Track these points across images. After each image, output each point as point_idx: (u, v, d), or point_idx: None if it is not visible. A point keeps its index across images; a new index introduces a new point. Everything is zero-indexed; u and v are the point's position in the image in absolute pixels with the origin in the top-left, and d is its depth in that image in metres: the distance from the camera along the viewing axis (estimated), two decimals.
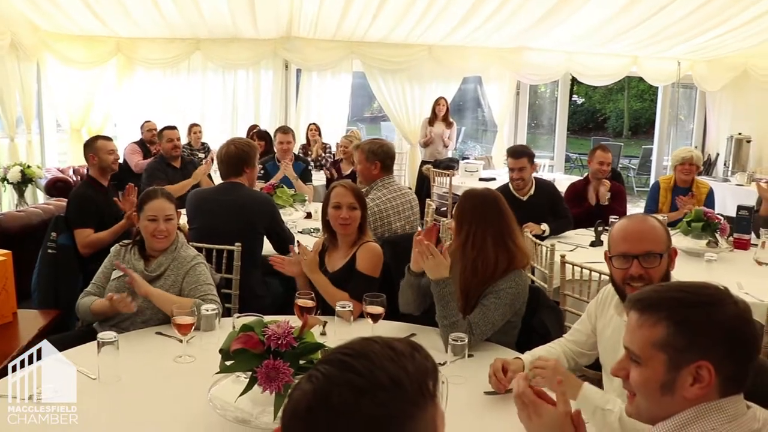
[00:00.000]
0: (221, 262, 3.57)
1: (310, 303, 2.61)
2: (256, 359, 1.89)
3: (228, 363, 1.97)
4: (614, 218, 4.30)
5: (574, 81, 11.60)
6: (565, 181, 7.20)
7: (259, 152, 4.57)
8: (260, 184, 5.12)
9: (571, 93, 14.61)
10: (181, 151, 6.09)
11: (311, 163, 7.41)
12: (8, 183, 6.85)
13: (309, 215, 5.09)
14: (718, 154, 10.10)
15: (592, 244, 4.41)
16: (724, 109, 10.45)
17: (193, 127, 8.34)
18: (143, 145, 7.60)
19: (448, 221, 3.15)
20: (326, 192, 3.23)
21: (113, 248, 3.03)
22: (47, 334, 2.95)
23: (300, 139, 8.72)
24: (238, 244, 3.56)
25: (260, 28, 8.57)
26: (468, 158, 9.60)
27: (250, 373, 1.92)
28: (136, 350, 2.49)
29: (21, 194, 6.85)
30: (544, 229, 4.56)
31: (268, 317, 2.13)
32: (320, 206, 3.35)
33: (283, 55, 9.28)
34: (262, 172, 5.65)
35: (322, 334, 2.62)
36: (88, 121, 8.92)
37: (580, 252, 4.27)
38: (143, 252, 2.96)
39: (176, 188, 5.05)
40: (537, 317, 2.87)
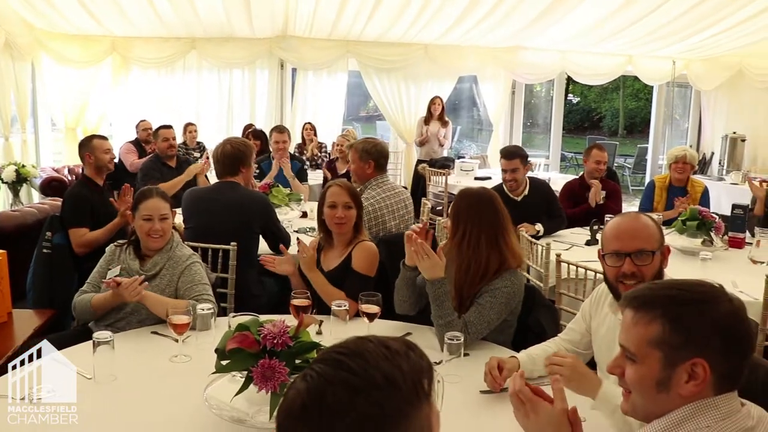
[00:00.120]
0: (217, 262, 3.57)
1: (306, 302, 2.61)
2: (251, 359, 1.89)
3: (224, 362, 1.96)
4: (609, 217, 4.30)
5: (569, 80, 11.62)
6: (560, 180, 7.20)
7: (255, 152, 4.57)
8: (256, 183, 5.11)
9: (567, 92, 14.65)
10: (176, 150, 6.08)
11: (307, 163, 7.40)
12: (3, 182, 6.81)
13: (305, 214, 5.09)
14: (713, 153, 10.12)
15: (588, 243, 4.42)
16: (719, 109, 10.48)
17: (189, 127, 8.35)
18: (138, 145, 7.58)
19: (444, 220, 3.15)
20: (322, 191, 3.24)
21: (108, 248, 3.03)
22: (42, 334, 2.95)
23: (295, 138, 8.72)
24: (233, 243, 3.55)
25: (256, 27, 8.56)
26: (464, 157, 9.61)
27: (245, 372, 1.92)
28: (131, 350, 2.48)
29: (16, 194, 6.82)
30: (538, 229, 4.57)
31: (263, 316, 2.12)
32: (316, 205, 3.35)
33: (279, 54, 9.27)
34: (257, 171, 5.65)
35: (318, 333, 2.62)
36: (83, 120, 8.90)
37: (575, 251, 4.28)
38: (138, 251, 2.96)
39: (169, 186, 5.05)
40: (533, 316, 2.87)
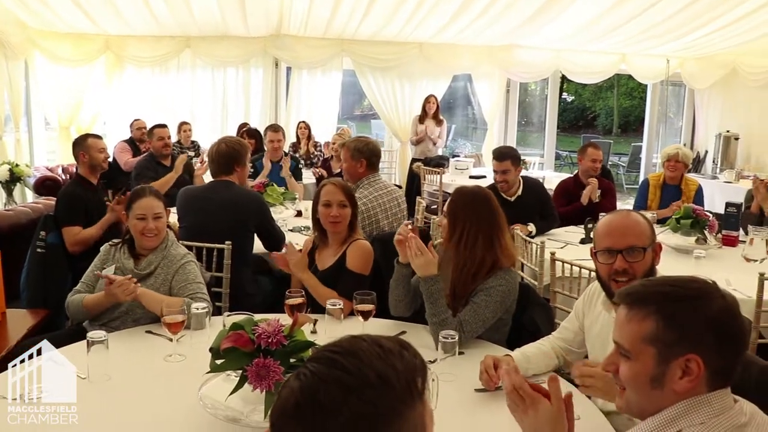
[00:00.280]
0: (211, 261, 3.56)
1: (301, 301, 2.61)
2: (246, 358, 1.89)
3: (218, 362, 1.96)
4: (603, 215, 4.30)
5: (563, 79, 11.63)
6: (555, 178, 7.22)
7: (250, 151, 4.56)
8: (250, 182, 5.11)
9: (561, 90, 14.64)
10: (171, 149, 6.07)
11: (301, 161, 7.40)
12: None
13: (299, 213, 5.09)
14: (706, 151, 10.14)
15: (582, 242, 4.42)
16: (713, 107, 10.50)
17: (183, 126, 8.33)
18: (133, 144, 7.56)
19: (439, 219, 3.15)
20: (316, 190, 3.23)
21: (103, 248, 3.02)
22: (36, 333, 2.94)
23: (290, 137, 8.71)
24: (228, 242, 3.55)
25: (250, 26, 8.54)
26: (458, 156, 9.60)
27: (240, 371, 1.91)
28: (125, 349, 2.48)
29: (9, 193, 6.80)
30: (531, 230, 4.57)
31: (258, 315, 2.12)
32: (310, 204, 3.34)
33: (273, 52, 9.25)
34: (252, 170, 5.64)
35: (313, 332, 2.62)
36: (77, 119, 8.86)
37: (570, 249, 4.28)
38: (133, 251, 2.95)
39: (160, 183, 5.05)
40: (527, 314, 2.88)
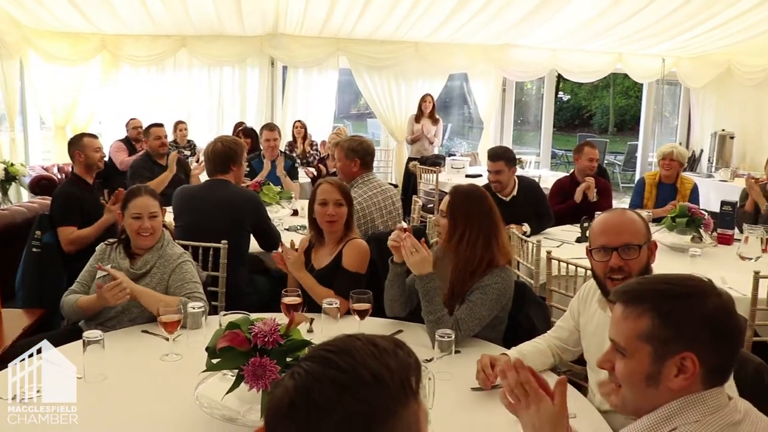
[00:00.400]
0: (207, 260, 3.56)
1: (297, 300, 2.61)
2: (242, 357, 1.89)
3: (214, 361, 1.96)
4: (599, 214, 4.31)
5: (559, 78, 11.65)
6: (551, 177, 7.22)
7: (246, 150, 4.55)
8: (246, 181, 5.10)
9: (557, 90, 14.69)
10: (168, 148, 6.05)
11: (297, 160, 7.39)
12: None
13: (295, 212, 5.08)
14: (702, 150, 10.17)
15: (578, 240, 4.42)
16: (708, 106, 10.53)
17: (179, 125, 8.33)
18: (128, 143, 7.54)
19: (435, 217, 3.15)
20: (312, 189, 3.23)
21: (99, 247, 3.01)
22: (32, 333, 2.93)
23: (286, 136, 8.70)
24: (224, 241, 3.55)
25: (246, 25, 8.53)
26: (454, 155, 9.59)
27: (236, 370, 1.91)
28: (121, 349, 2.47)
29: (5, 192, 6.78)
30: (525, 230, 4.57)
31: (254, 315, 2.12)
32: (306, 203, 3.34)
33: (269, 52, 9.24)
34: (248, 169, 5.63)
35: (309, 331, 2.61)
36: (72, 118, 8.84)
37: (566, 248, 4.29)
38: (129, 250, 2.94)
39: (156, 183, 5.04)
40: (523, 313, 2.88)
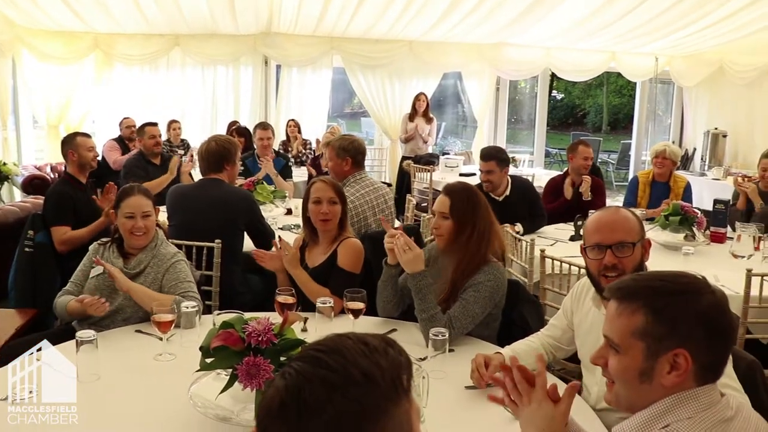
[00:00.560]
0: (201, 259, 3.55)
1: (291, 299, 2.61)
2: (236, 356, 1.89)
3: (208, 360, 1.96)
4: (593, 212, 4.32)
5: (553, 76, 11.66)
6: (544, 176, 7.24)
7: (240, 149, 4.55)
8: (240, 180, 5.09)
9: (551, 88, 14.70)
10: (162, 147, 6.04)
11: (291, 160, 7.38)
12: None
13: (289, 211, 5.08)
14: (695, 148, 10.20)
15: (572, 239, 4.43)
16: (701, 105, 10.56)
17: (173, 124, 8.30)
18: (122, 142, 7.51)
19: (428, 216, 3.15)
20: (306, 188, 3.23)
21: (92, 246, 3.00)
22: (25, 333, 2.92)
23: (280, 135, 8.69)
24: (218, 240, 3.54)
25: (240, 24, 8.51)
26: (448, 153, 9.62)
27: (230, 370, 1.91)
28: (115, 348, 2.47)
29: None
30: (518, 230, 4.56)
31: (248, 314, 2.12)
32: (300, 202, 3.34)
33: (263, 50, 9.22)
34: (242, 168, 5.62)
35: (303, 330, 2.62)
36: (65, 117, 8.79)
37: (559, 246, 4.29)
38: (122, 250, 2.93)
39: (154, 184, 5.02)
40: (517, 311, 2.89)
